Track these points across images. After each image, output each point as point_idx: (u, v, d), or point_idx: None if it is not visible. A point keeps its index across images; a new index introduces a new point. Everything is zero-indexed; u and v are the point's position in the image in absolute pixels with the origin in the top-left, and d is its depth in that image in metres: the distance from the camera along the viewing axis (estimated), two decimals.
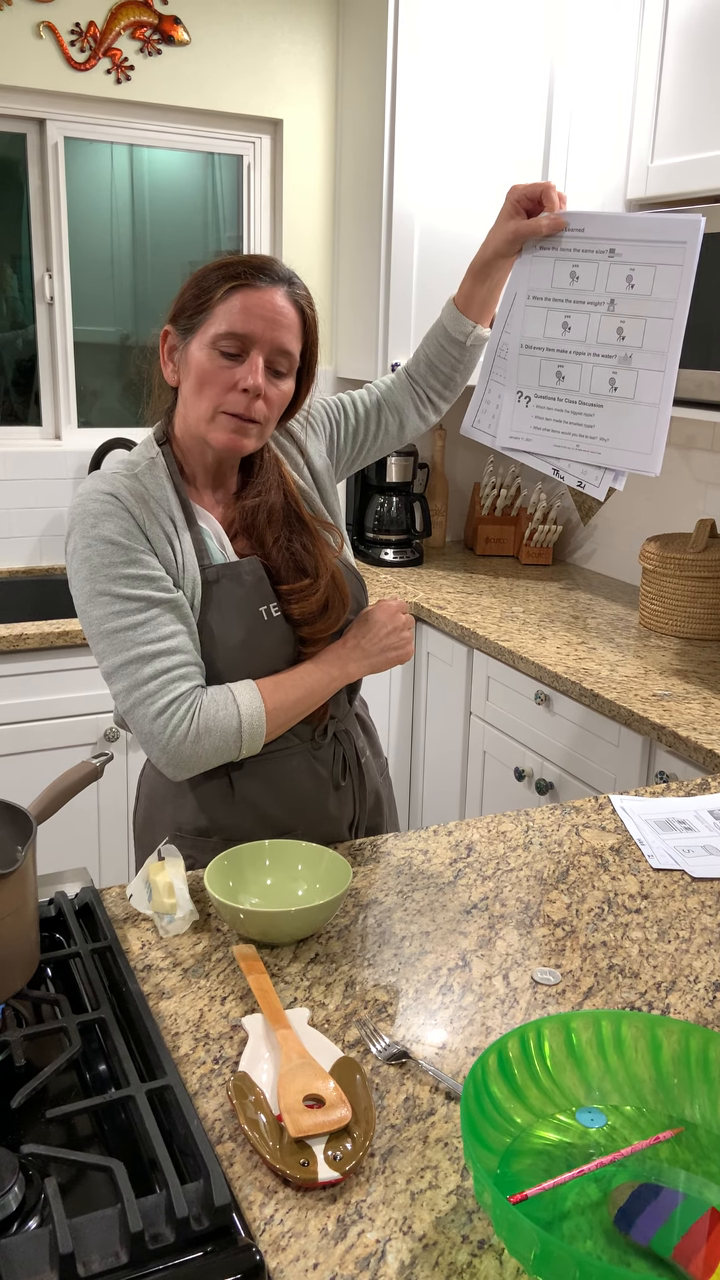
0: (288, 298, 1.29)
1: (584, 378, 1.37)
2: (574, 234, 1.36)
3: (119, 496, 1.29)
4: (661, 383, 1.31)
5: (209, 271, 1.30)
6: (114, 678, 1.29)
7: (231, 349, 1.27)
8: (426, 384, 1.56)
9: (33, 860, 1.01)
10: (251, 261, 1.30)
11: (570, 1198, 0.80)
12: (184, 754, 1.28)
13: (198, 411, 1.30)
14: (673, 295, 1.30)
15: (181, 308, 1.31)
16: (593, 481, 1.38)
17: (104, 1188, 0.84)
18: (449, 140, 2.78)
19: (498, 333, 1.45)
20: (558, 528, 3.16)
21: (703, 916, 1.25)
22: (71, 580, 1.31)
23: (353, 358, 3.10)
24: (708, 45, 2.17)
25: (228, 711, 1.29)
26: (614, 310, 1.34)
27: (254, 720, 1.30)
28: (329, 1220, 0.81)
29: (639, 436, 1.34)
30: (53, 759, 2.50)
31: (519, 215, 1.39)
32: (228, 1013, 1.05)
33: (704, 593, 2.42)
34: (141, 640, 1.27)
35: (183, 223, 3.10)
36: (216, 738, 1.28)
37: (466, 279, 1.47)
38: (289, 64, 2.97)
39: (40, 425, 3.00)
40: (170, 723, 1.26)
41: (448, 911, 1.24)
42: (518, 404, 1.44)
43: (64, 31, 2.70)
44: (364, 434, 1.56)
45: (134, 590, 1.27)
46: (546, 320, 1.40)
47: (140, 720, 1.28)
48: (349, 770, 1.49)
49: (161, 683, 1.27)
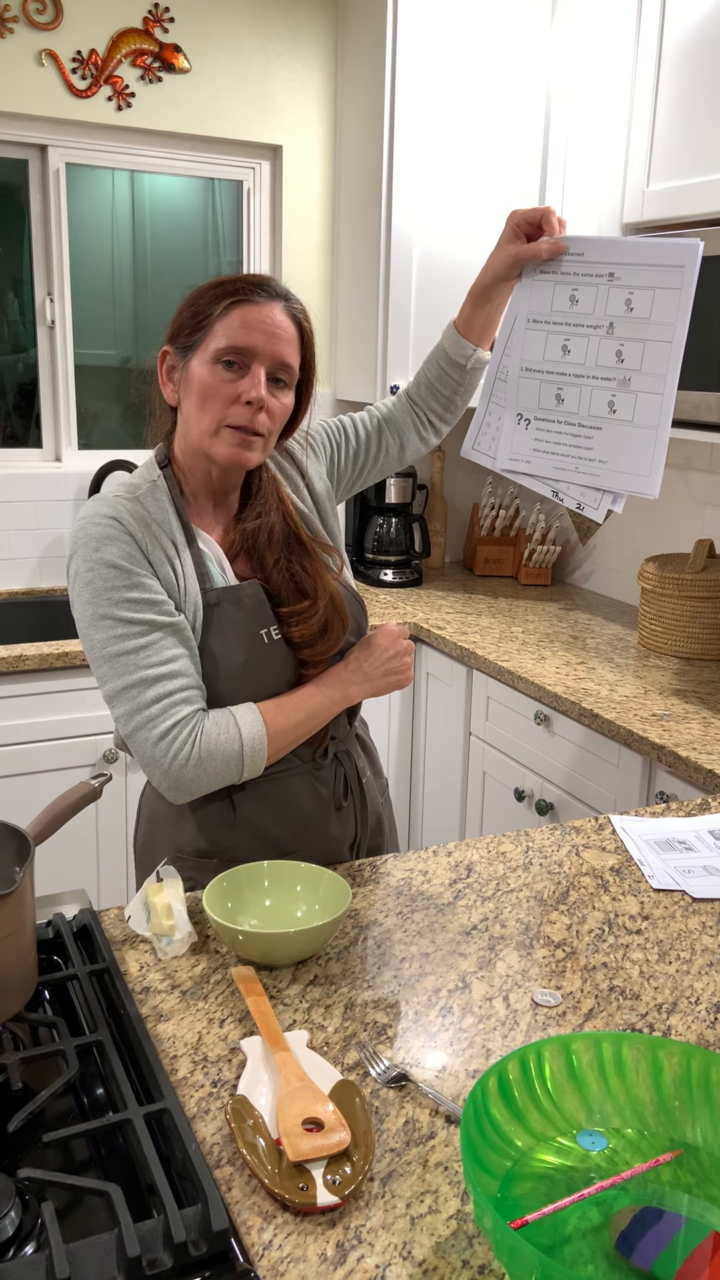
0: (285, 312, 1.31)
1: (583, 400, 1.38)
2: (574, 258, 1.37)
3: (121, 520, 1.29)
4: (660, 405, 1.32)
5: (205, 290, 1.31)
6: (116, 701, 1.29)
7: (234, 362, 1.28)
8: (427, 406, 1.57)
9: (30, 881, 1.01)
10: (249, 279, 1.31)
11: (571, 1222, 0.80)
12: (185, 778, 1.28)
13: (201, 427, 1.31)
14: (671, 319, 1.31)
15: (180, 327, 1.32)
16: (591, 504, 1.39)
17: (101, 1212, 0.83)
18: (447, 165, 2.80)
19: (498, 356, 1.46)
20: (556, 548, 3.17)
21: (703, 937, 1.25)
22: (74, 604, 1.31)
23: (352, 381, 3.11)
24: (703, 70, 2.20)
25: (229, 735, 1.29)
26: (613, 333, 1.35)
27: (256, 743, 1.30)
28: (328, 1245, 0.80)
29: (638, 459, 1.35)
30: (52, 780, 2.50)
31: (519, 239, 1.40)
32: (226, 1035, 1.04)
33: (703, 613, 2.42)
34: (143, 664, 1.27)
35: (183, 247, 3.12)
36: (218, 761, 1.28)
37: (467, 303, 1.48)
38: (288, 91, 3.00)
39: (41, 447, 3.01)
40: (172, 747, 1.26)
41: (447, 933, 1.24)
42: (517, 426, 1.44)
43: (65, 59, 2.73)
44: (364, 456, 1.57)
45: (136, 614, 1.27)
46: (546, 343, 1.41)
47: (142, 744, 1.28)
48: (350, 791, 1.49)
49: (163, 707, 1.27)
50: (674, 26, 2.26)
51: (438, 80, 2.74)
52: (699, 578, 2.42)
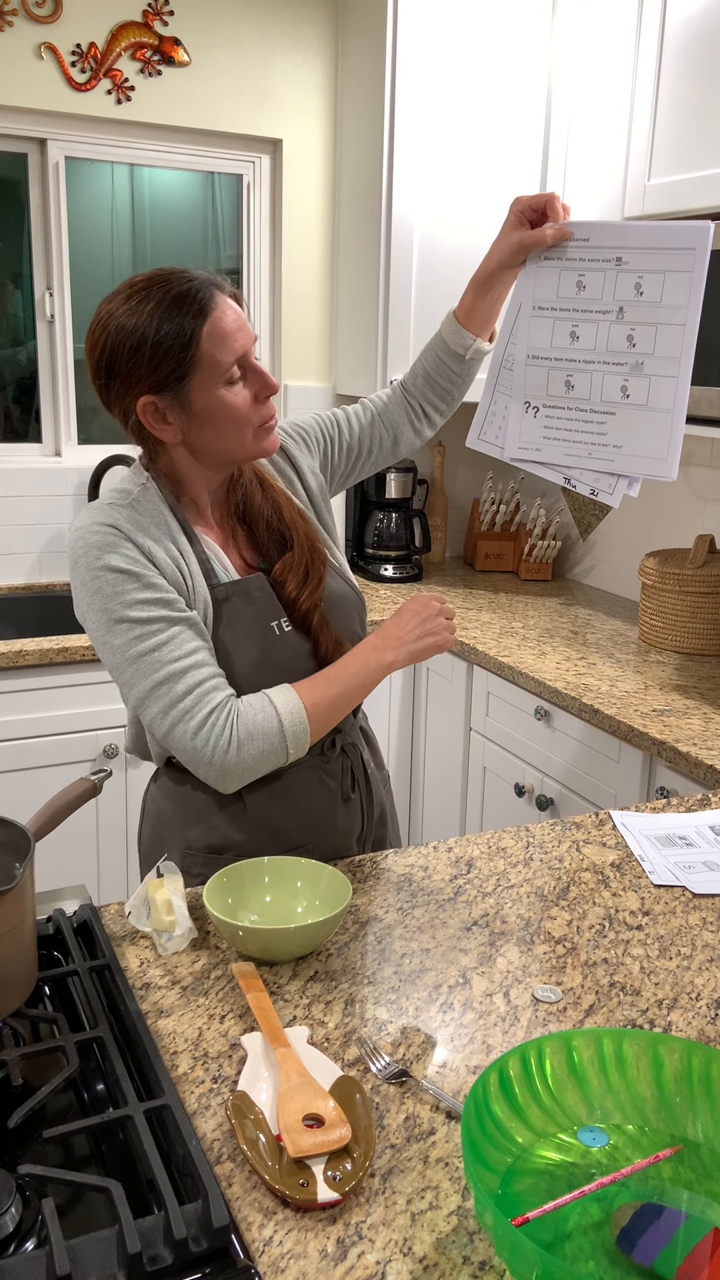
0: (229, 298, 1.28)
1: (594, 386, 1.38)
2: (579, 243, 1.36)
3: (118, 526, 1.27)
4: (675, 388, 1.32)
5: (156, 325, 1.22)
6: (147, 703, 1.27)
7: (240, 373, 1.27)
8: (423, 397, 1.56)
9: (30, 877, 1.01)
10: (190, 289, 1.23)
11: (572, 1218, 0.80)
12: (230, 764, 1.26)
13: (240, 441, 1.30)
14: (684, 301, 1.30)
15: (160, 377, 1.24)
16: (606, 489, 1.39)
17: (102, 1208, 0.83)
18: (448, 158, 2.80)
19: (503, 344, 1.45)
20: (557, 543, 3.17)
21: (704, 933, 1.25)
22: (85, 615, 1.29)
23: (352, 375, 3.11)
24: (704, 64, 2.19)
25: (266, 714, 1.27)
26: (623, 318, 1.34)
27: (295, 719, 1.28)
28: (329, 1241, 0.80)
29: (654, 442, 1.34)
30: (52, 776, 2.50)
31: (523, 226, 1.39)
32: (226, 1031, 1.04)
33: (703, 608, 2.42)
34: (168, 659, 1.25)
35: (183, 241, 3.11)
36: (260, 742, 1.27)
37: (468, 292, 1.47)
38: (288, 84, 2.99)
39: (40, 442, 3.01)
40: (212, 735, 1.25)
41: (448, 928, 1.24)
42: (525, 414, 1.44)
43: (65, 52, 2.72)
44: (358, 449, 1.56)
45: (151, 613, 1.26)
46: (553, 330, 1.40)
47: (181, 739, 1.26)
48: (357, 783, 1.49)
49: (196, 697, 1.25)
50: (675, 19, 2.25)
51: (438, 72, 2.73)
52: (699, 573, 2.42)
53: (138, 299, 1.24)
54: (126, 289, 1.26)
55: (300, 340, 3.19)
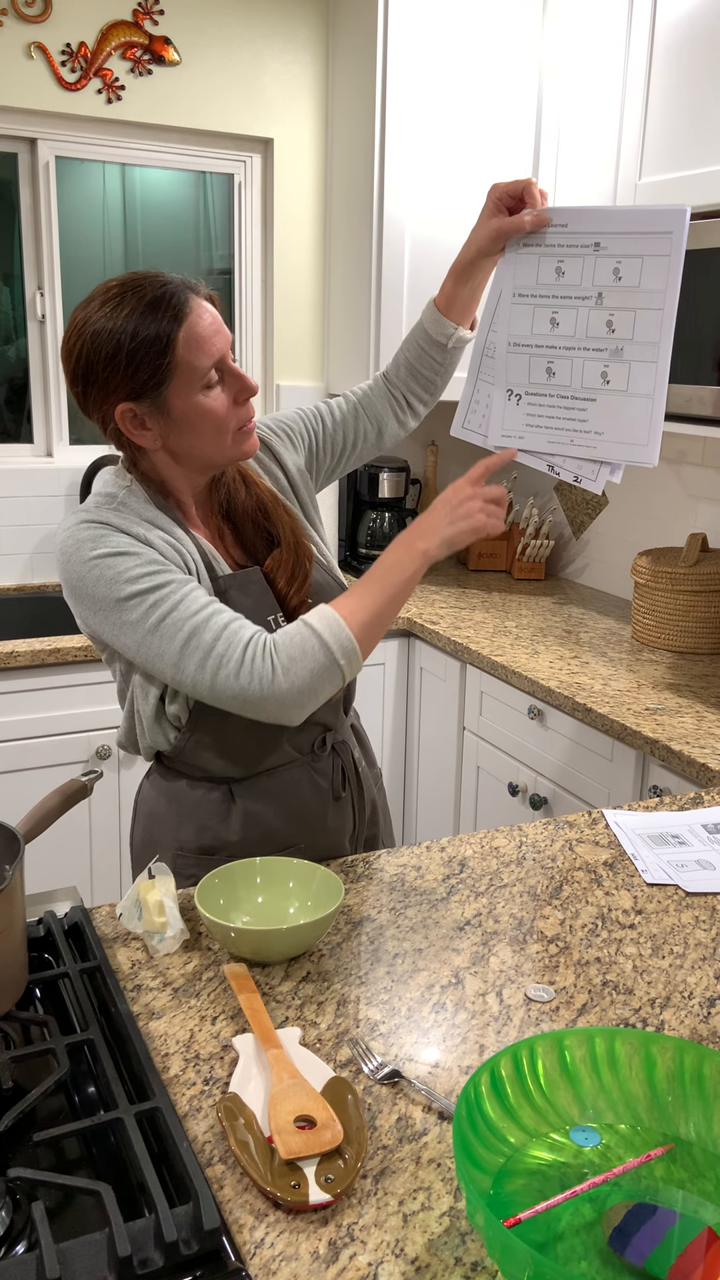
0: (205, 300, 1.27)
1: (575, 372, 1.37)
2: (557, 229, 1.36)
3: (108, 522, 1.26)
4: (655, 373, 1.31)
5: (131, 331, 1.21)
6: (182, 665, 1.23)
7: (218, 376, 1.27)
8: (406, 388, 1.55)
9: (20, 879, 1.00)
10: (164, 294, 1.23)
11: (565, 1218, 0.79)
12: (283, 691, 1.22)
13: (214, 446, 1.29)
14: (662, 286, 1.29)
15: (138, 385, 1.23)
16: (589, 476, 1.38)
17: (92, 1211, 0.83)
18: (439, 157, 2.79)
19: (484, 332, 1.45)
20: (550, 542, 3.16)
21: (697, 931, 1.24)
22: (89, 609, 1.26)
23: (344, 374, 3.11)
24: (694, 63, 2.19)
25: (302, 634, 1.23)
26: (602, 304, 1.34)
27: (334, 629, 1.24)
28: (320, 1243, 0.80)
29: (635, 428, 1.34)
30: (44, 777, 2.49)
31: (501, 213, 1.38)
32: (218, 1033, 1.04)
33: (696, 607, 2.42)
34: (187, 615, 1.22)
35: (175, 241, 3.11)
36: (307, 661, 1.22)
37: (448, 280, 1.46)
38: (279, 83, 2.99)
39: (32, 443, 3.00)
40: (254, 669, 1.22)
41: (441, 928, 1.23)
42: (508, 402, 1.43)
43: (55, 52, 2.71)
44: (342, 443, 1.55)
45: (156, 580, 1.23)
46: (534, 317, 1.40)
47: (227, 685, 1.22)
48: (348, 781, 1.49)
49: (226, 640, 1.22)
50: (665, 19, 2.26)
51: (429, 71, 2.73)
52: (692, 571, 2.42)
53: (112, 305, 1.22)
54: (101, 294, 1.24)
55: (292, 340, 3.19)
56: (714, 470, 2.66)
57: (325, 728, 1.44)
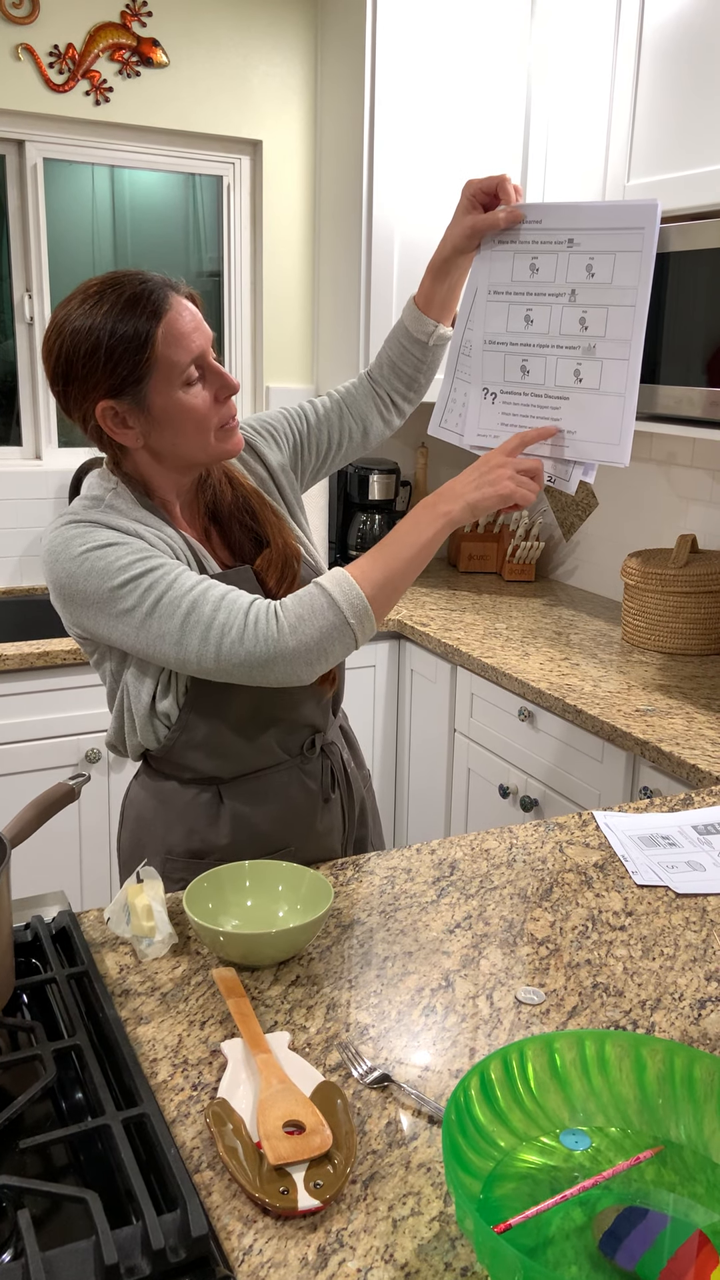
0: (185, 298, 1.27)
1: (549, 371, 1.36)
2: (532, 225, 1.35)
3: (95, 521, 1.26)
4: (626, 371, 1.30)
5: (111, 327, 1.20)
6: (185, 641, 1.21)
7: (198, 373, 1.26)
8: (390, 386, 1.55)
9: (7, 884, 0.99)
10: (144, 291, 1.22)
11: (555, 1222, 0.79)
12: (290, 648, 1.20)
13: (201, 443, 1.28)
14: (634, 282, 1.28)
15: (118, 381, 1.22)
16: (562, 476, 1.37)
17: (79, 1219, 0.82)
18: (428, 158, 2.79)
19: (460, 330, 1.44)
20: (540, 544, 3.17)
21: (687, 933, 1.24)
22: (80, 606, 1.24)
23: (334, 376, 3.10)
24: (682, 66, 2.20)
25: (311, 593, 1.22)
26: (575, 301, 1.33)
27: (344, 588, 1.21)
28: (309, 1249, 0.79)
29: (606, 427, 1.32)
30: (32, 781, 2.48)
31: (475, 210, 1.38)
32: (207, 1037, 1.03)
33: (686, 608, 2.42)
34: (184, 590, 1.21)
35: (164, 243, 3.10)
36: (317, 619, 1.21)
37: (426, 278, 1.46)
38: (268, 85, 2.98)
39: (20, 445, 2.99)
40: (259, 631, 1.20)
41: (430, 931, 1.23)
42: (484, 401, 1.42)
43: (42, 53, 2.70)
44: (328, 443, 1.54)
45: (147, 564, 1.22)
46: (509, 314, 1.39)
47: (234, 653, 1.20)
48: (337, 783, 1.48)
49: (226, 606, 1.21)
50: (653, 22, 2.26)
51: (418, 74, 2.73)
52: (682, 573, 2.42)
53: (92, 302, 1.22)
54: (81, 293, 1.24)
55: (282, 342, 3.18)
56: (703, 471, 2.67)
57: (314, 729, 1.44)
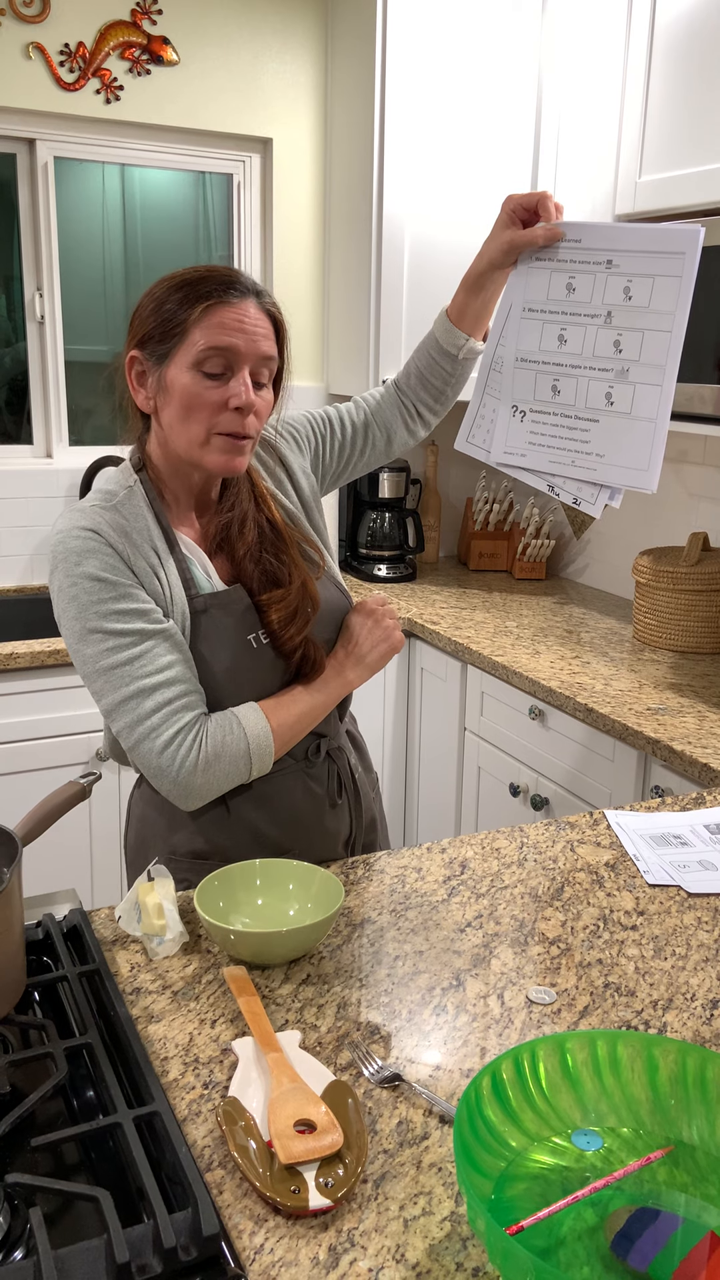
0: (259, 308, 1.27)
1: (580, 392, 1.35)
2: (571, 244, 1.34)
3: (100, 532, 1.26)
4: (659, 397, 1.29)
5: (171, 291, 1.25)
6: (115, 715, 1.26)
7: (216, 369, 1.24)
8: (416, 397, 1.54)
9: (18, 882, 1.00)
10: (217, 276, 1.26)
11: (566, 1223, 0.79)
12: (195, 784, 1.26)
13: (188, 436, 1.27)
14: (671, 307, 1.27)
15: (150, 332, 1.26)
16: (588, 499, 1.36)
17: (91, 1217, 0.82)
18: (438, 156, 2.79)
19: (492, 345, 1.43)
20: (551, 542, 3.16)
21: (699, 933, 1.24)
22: (60, 619, 1.28)
23: (344, 374, 3.10)
24: (694, 61, 2.19)
25: (234, 735, 1.27)
26: (611, 323, 1.32)
27: (261, 740, 1.28)
28: (320, 1249, 0.79)
29: (636, 453, 1.31)
30: (43, 779, 2.49)
31: (514, 225, 1.37)
32: (218, 1036, 1.03)
33: (698, 606, 2.41)
34: (139, 674, 1.24)
35: (174, 241, 3.10)
36: (226, 763, 1.27)
37: (460, 291, 1.45)
38: (278, 83, 2.98)
39: (31, 444, 3.00)
40: (178, 754, 1.24)
41: (441, 930, 1.23)
42: (512, 418, 1.42)
43: (53, 52, 2.70)
44: (350, 449, 1.54)
45: (126, 625, 1.25)
46: (542, 333, 1.38)
47: (147, 755, 1.25)
48: (344, 788, 1.48)
49: (165, 715, 1.24)
50: (665, 17, 2.25)
51: (428, 71, 2.72)
52: (694, 571, 2.41)
53: (187, 270, 1.28)
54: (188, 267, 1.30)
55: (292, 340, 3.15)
56: (715, 469, 2.66)
57: (319, 735, 1.43)
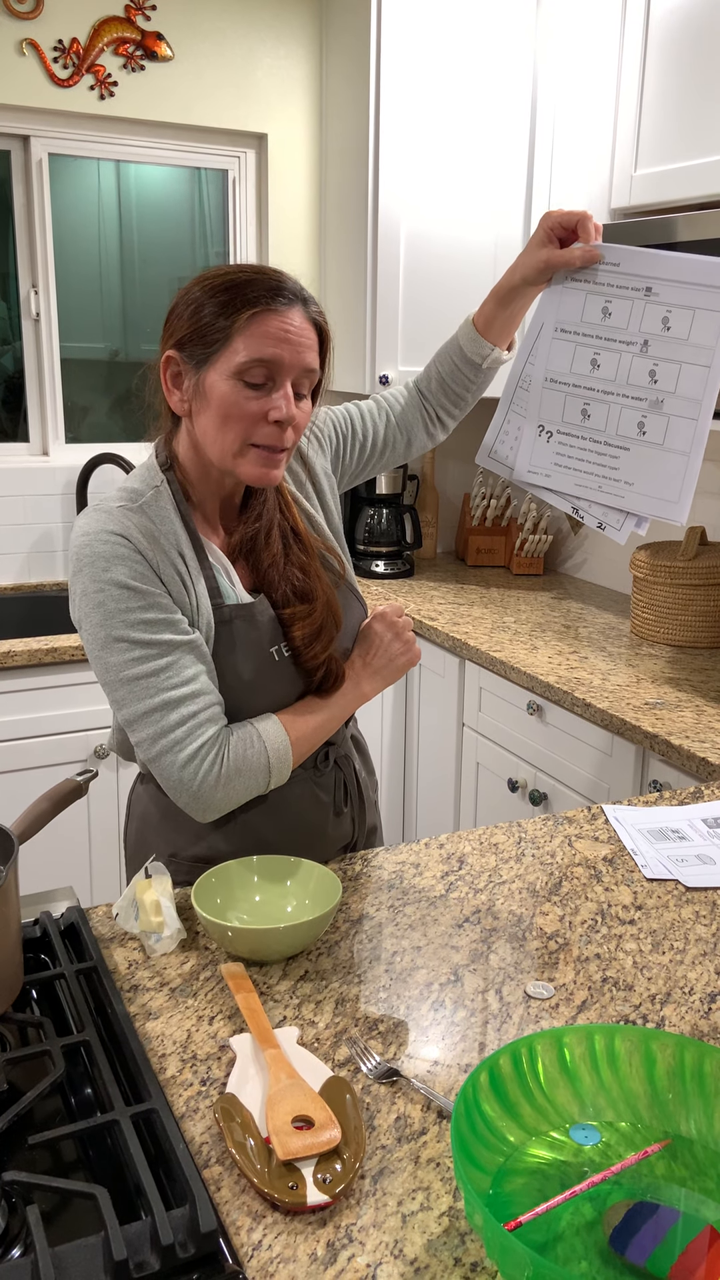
0: (305, 317, 1.24)
1: (611, 418, 1.33)
2: (609, 268, 1.31)
3: (129, 537, 1.23)
4: (694, 431, 1.27)
5: (214, 294, 1.21)
6: (137, 726, 1.24)
7: (258, 379, 1.21)
8: (437, 402, 1.53)
9: (14, 880, 0.99)
10: (265, 281, 1.22)
11: (564, 1218, 0.79)
12: (215, 798, 1.25)
13: (223, 444, 1.23)
14: (711, 342, 1.25)
15: (189, 334, 1.22)
16: (614, 524, 1.35)
17: (88, 1215, 0.82)
18: (434, 152, 2.78)
19: (521, 362, 1.41)
20: (548, 537, 3.16)
21: (697, 927, 1.24)
22: (81, 623, 1.25)
23: (341, 370, 3.09)
24: (688, 54, 2.18)
25: (255, 749, 1.26)
26: (647, 352, 1.29)
27: (281, 754, 1.28)
28: (318, 1245, 0.79)
29: (666, 484, 1.29)
30: (42, 776, 2.48)
31: (551, 243, 1.35)
32: (215, 1033, 1.03)
33: (695, 600, 2.41)
34: (165, 686, 1.23)
35: (170, 237, 3.10)
36: (246, 777, 1.26)
37: (489, 302, 1.43)
38: (273, 78, 2.97)
39: (28, 442, 2.99)
40: (200, 769, 1.23)
41: (439, 925, 1.23)
42: (538, 438, 1.40)
43: (47, 48, 2.70)
44: (371, 450, 1.52)
45: (154, 635, 1.22)
46: (574, 355, 1.35)
47: (168, 768, 1.24)
48: (349, 796, 1.47)
49: (189, 729, 1.23)
50: (659, 11, 2.24)
51: (423, 65, 2.71)
52: (691, 565, 2.41)
53: (222, 273, 1.23)
54: (223, 266, 1.27)
55: None
56: (712, 464, 2.65)
57: (329, 743, 1.42)
